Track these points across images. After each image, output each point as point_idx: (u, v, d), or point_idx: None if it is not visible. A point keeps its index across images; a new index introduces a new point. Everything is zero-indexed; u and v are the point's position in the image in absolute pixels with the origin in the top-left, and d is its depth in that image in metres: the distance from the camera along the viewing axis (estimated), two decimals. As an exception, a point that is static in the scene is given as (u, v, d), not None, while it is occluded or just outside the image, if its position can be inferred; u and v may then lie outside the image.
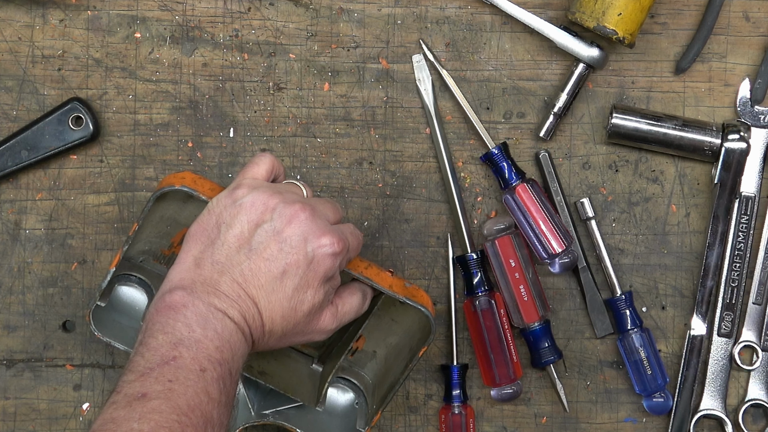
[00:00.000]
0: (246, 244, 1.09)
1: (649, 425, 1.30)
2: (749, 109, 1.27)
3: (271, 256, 1.08)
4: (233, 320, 1.06)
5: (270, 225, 1.09)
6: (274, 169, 1.15)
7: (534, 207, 1.24)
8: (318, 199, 1.15)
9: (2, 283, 1.28)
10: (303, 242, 1.09)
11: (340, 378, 1.27)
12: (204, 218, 1.11)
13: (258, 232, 1.09)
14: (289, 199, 1.10)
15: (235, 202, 1.10)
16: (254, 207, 1.09)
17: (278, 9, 1.28)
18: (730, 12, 1.28)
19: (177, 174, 1.18)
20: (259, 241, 1.09)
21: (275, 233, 1.09)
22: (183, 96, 1.28)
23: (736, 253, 1.27)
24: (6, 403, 1.29)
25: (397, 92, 1.28)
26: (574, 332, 1.29)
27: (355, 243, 1.14)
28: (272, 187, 1.12)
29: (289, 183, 1.15)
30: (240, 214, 1.09)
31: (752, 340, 1.28)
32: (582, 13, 1.22)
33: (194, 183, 1.16)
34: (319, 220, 1.10)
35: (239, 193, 1.11)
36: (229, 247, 1.09)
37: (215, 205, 1.11)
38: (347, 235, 1.12)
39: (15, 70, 1.27)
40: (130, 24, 1.27)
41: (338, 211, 1.15)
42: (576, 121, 1.29)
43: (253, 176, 1.14)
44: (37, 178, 1.28)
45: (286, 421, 1.25)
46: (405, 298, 1.18)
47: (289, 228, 1.09)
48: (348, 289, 1.17)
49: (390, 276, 1.20)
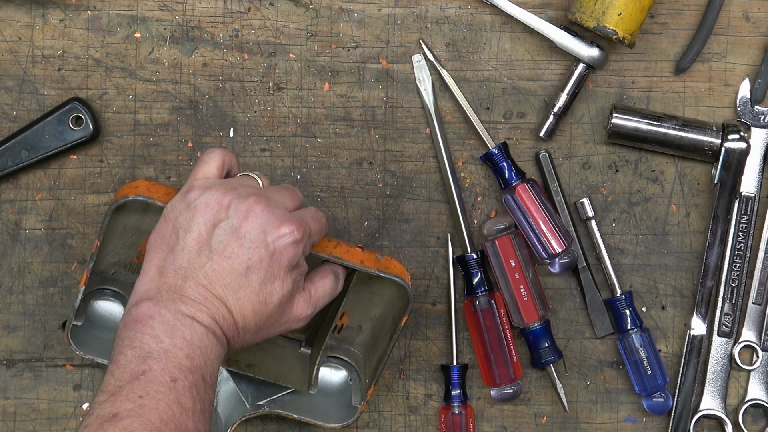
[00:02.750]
0: (206, 245, 1.08)
1: (649, 425, 1.30)
2: (749, 109, 1.27)
3: (233, 254, 1.08)
4: (203, 324, 1.06)
5: (227, 223, 1.08)
6: (225, 163, 1.15)
7: (534, 207, 1.24)
8: (274, 187, 1.15)
9: (2, 283, 1.28)
10: (262, 235, 1.08)
11: (331, 357, 1.28)
12: (161, 226, 1.11)
13: (216, 232, 1.08)
14: (244, 194, 1.10)
15: (189, 205, 1.10)
16: (209, 207, 1.09)
17: (278, 9, 1.28)
18: (730, 12, 1.28)
19: (131, 184, 1.18)
20: (219, 241, 1.08)
21: (233, 230, 1.08)
22: (183, 96, 1.28)
23: (736, 253, 1.27)
24: (6, 403, 1.29)
25: (397, 92, 1.28)
26: (574, 332, 1.29)
27: (317, 226, 1.14)
28: (225, 183, 1.12)
29: (243, 176, 1.15)
30: (196, 217, 1.09)
31: (752, 340, 1.28)
32: (582, 13, 1.22)
33: (148, 191, 1.16)
34: (275, 209, 1.10)
35: (192, 195, 1.10)
36: (190, 251, 1.08)
37: (170, 211, 1.11)
38: (308, 220, 1.12)
39: (15, 70, 1.27)
40: (130, 24, 1.27)
41: (296, 196, 1.15)
42: (576, 121, 1.29)
43: (204, 175, 1.13)
44: (37, 178, 1.28)
45: (282, 408, 1.25)
46: (378, 271, 1.19)
47: (247, 223, 1.08)
48: (319, 273, 1.17)
49: (360, 251, 1.20)
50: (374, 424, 1.29)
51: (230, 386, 1.25)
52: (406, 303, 1.21)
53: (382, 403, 1.29)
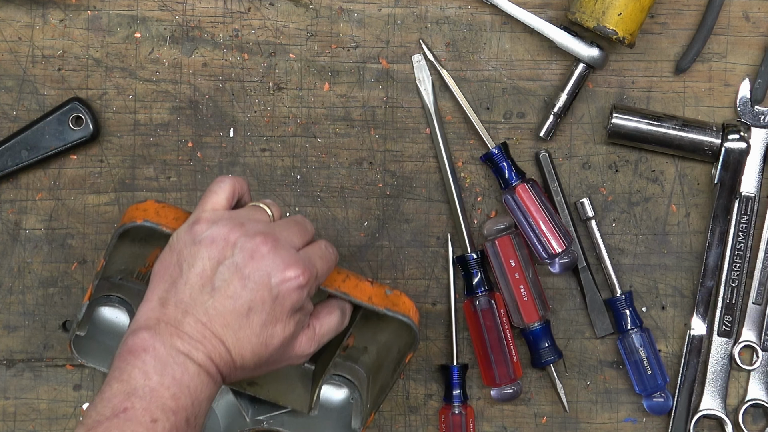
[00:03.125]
0: (209, 282, 1.06)
1: (649, 425, 1.30)
2: (749, 109, 1.27)
3: (235, 294, 1.05)
4: (196, 362, 1.04)
5: (231, 261, 1.06)
6: (235, 192, 1.12)
7: (534, 207, 1.24)
8: (283, 222, 1.11)
9: (2, 283, 1.28)
10: (266, 278, 1.06)
11: (335, 375, 1.27)
12: (166, 256, 1.09)
13: (220, 270, 1.06)
14: (251, 231, 1.07)
15: (194, 238, 1.07)
16: (215, 243, 1.06)
17: (278, 9, 1.28)
18: (730, 12, 1.28)
19: (140, 205, 1.15)
20: (222, 279, 1.06)
21: (237, 269, 1.06)
22: (183, 96, 1.28)
23: (736, 253, 1.27)
24: (6, 403, 1.29)
25: (397, 92, 1.28)
26: (574, 332, 1.29)
27: (325, 266, 1.11)
28: (233, 218, 1.09)
29: (253, 207, 1.12)
30: (200, 252, 1.06)
31: (752, 340, 1.28)
32: (582, 13, 1.22)
33: (157, 215, 1.14)
34: (282, 251, 1.07)
35: (198, 228, 1.08)
36: (192, 287, 1.06)
37: (176, 241, 1.08)
38: (315, 260, 1.09)
39: (15, 70, 1.27)
40: (130, 24, 1.27)
41: (306, 231, 1.12)
42: (576, 121, 1.29)
43: (213, 207, 1.10)
44: (37, 178, 1.28)
45: (282, 425, 1.25)
46: (385, 309, 1.16)
47: (251, 264, 1.06)
48: (326, 308, 1.14)
49: (370, 285, 1.17)
50: (374, 423, 1.29)
51: (231, 398, 1.25)
52: (412, 338, 1.20)
53: (382, 403, 1.29)
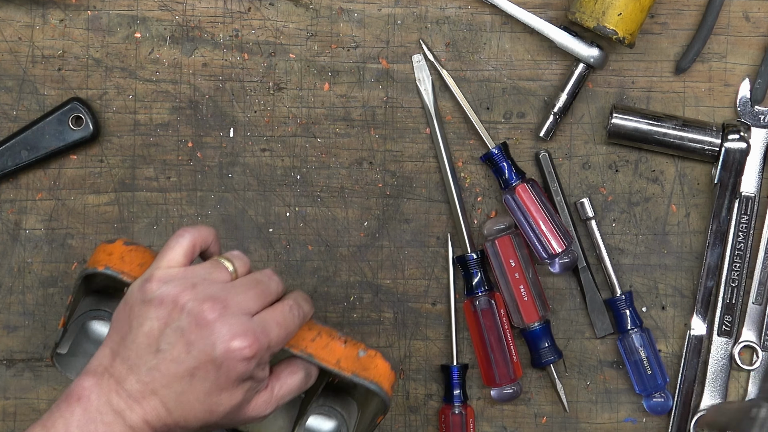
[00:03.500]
0: (155, 342, 1.04)
1: (649, 425, 1.30)
2: (749, 109, 1.27)
3: (179, 358, 1.03)
4: (129, 424, 1.03)
5: (177, 325, 1.03)
6: (196, 247, 1.09)
7: (534, 207, 1.24)
8: (242, 283, 1.07)
9: (2, 283, 1.28)
10: (210, 347, 1.03)
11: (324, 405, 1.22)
12: (121, 307, 1.07)
13: (166, 332, 1.04)
14: (201, 295, 1.04)
15: (144, 297, 1.05)
16: (163, 305, 1.04)
17: (278, 9, 1.28)
18: (730, 12, 1.28)
19: (107, 246, 1.13)
20: (168, 342, 1.03)
21: (183, 334, 1.03)
22: (183, 96, 1.28)
23: (736, 253, 1.27)
24: (6, 403, 1.29)
25: (397, 92, 1.28)
26: (574, 332, 1.29)
27: (282, 333, 1.06)
28: (186, 278, 1.06)
29: (213, 264, 1.08)
30: (149, 312, 1.04)
31: (752, 340, 1.28)
32: (582, 13, 1.22)
33: (121, 260, 1.11)
34: (230, 318, 1.03)
35: (149, 287, 1.05)
36: (138, 346, 1.04)
37: (129, 296, 1.07)
38: (270, 328, 1.06)
39: (15, 70, 1.27)
40: (130, 24, 1.27)
41: (267, 292, 1.08)
42: (576, 121, 1.29)
43: (168, 263, 1.07)
44: (37, 178, 1.28)
45: None
46: (352, 375, 1.10)
47: (197, 331, 1.03)
48: (288, 368, 1.11)
49: (341, 346, 1.11)
50: (374, 424, 1.30)
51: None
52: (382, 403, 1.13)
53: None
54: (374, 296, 1.29)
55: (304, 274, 1.29)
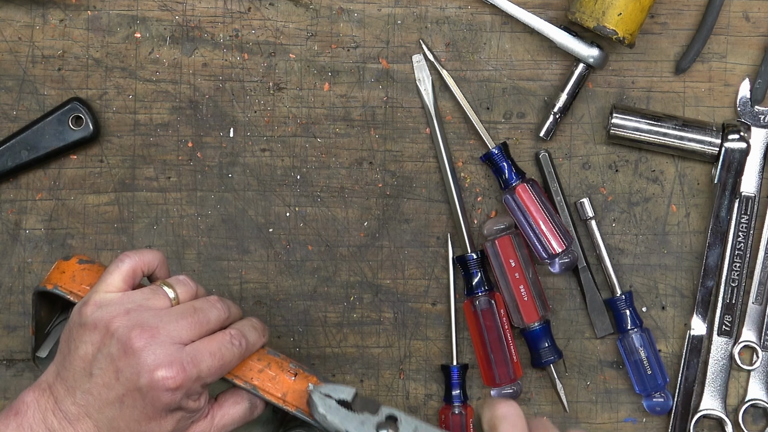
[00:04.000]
0: (88, 366, 1.04)
1: (649, 425, 1.30)
2: (749, 109, 1.27)
3: (109, 384, 1.03)
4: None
5: (108, 351, 1.03)
6: (137, 271, 1.08)
7: (534, 207, 1.24)
8: (177, 311, 1.06)
9: (2, 283, 1.28)
10: (135, 376, 1.02)
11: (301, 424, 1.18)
12: (65, 329, 1.08)
13: (98, 357, 1.04)
14: (131, 322, 1.04)
15: (81, 320, 1.05)
16: (96, 330, 1.04)
17: (278, 9, 1.28)
18: (730, 12, 1.28)
19: (62, 263, 1.13)
20: (99, 367, 1.04)
21: (112, 361, 1.03)
22: (183, 96, 1.28)
23: (736, 253, 1.27)
24: (6, 404, 1.29)
25: (397, 92, 1.28)
26: (574, 332, 1.29)
27: (215, 364, 1.05)
28: (121, 303, 1.05)
29: (152, 290, 1.07)
30: (84, 335, 1.04)
31: (752, 340, 1.28)
32: (582, 13, 1.22)
33: (72, 280, 1.11)
34: (157, 348, 1.03)
35: (85, 310, 1.06)
36: (75, 369, 1.05)
37: (71, 317, 1.07)
38: (202, 358, 1.04)
39: (15, 70, 1.27)
40: (130, 24, 1.27)
41: (203, 321, 1.06)
42: (576, 121, 1.29)
43: (107, 288, 1.07)
44: (37, 178, 1.28)
45: None
46: (297, 411, 1.07)
47: (124, 359, 1.03)
48: (233, 398, 1.09)
49: (291, 379, 1.09)
50: (374, 424, 1.29)
51: None
52: None
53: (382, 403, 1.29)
54: (374, 296, 1.29)
55: (304, 274, 1.29)
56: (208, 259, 1.28)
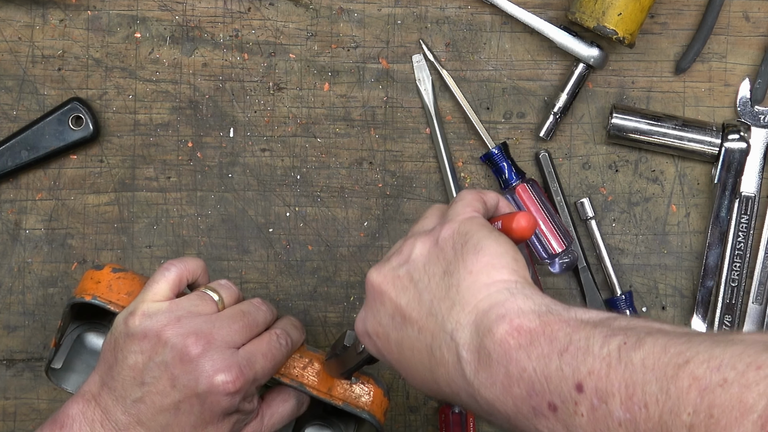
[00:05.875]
0: (139, 375, 1.04)
1: (649, 425, 1.30)
2: (749, 109, 1.27)
3: (164, 392, 1.03)
4: None
5: (161, 359, 1.03)
6: (182, 280, 1.09)
7: (534, 207, 1.24)
8: (227, 315, 1.07)
9: (2, 283, 1.28)
10: (194, 382, 1.03)
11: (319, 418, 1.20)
12: (108, 339, 1.07)
13: (150, 366, 1.04)
14: (184, 330, 1.04)
15: (128, 331, 1.05)
16: (146, 339, 1.04)
17: (278, 9, 1.28)
18: (730, 12, 1.28)
19: (95, 273, 1.13)
20: (152, 375, 1.04)
21: (167, 368, 1.03)
22: (183, 96, 1.28)
23: (736, 253, 1.27)
24: (6, 403, 1.29)
25: (397, 92, 1.28)
26: (574, 332, 1.29)
27: (268, 365, 1.06)
28: (171, 311, 1.06)
29: (199, 296, 1.08)
30: (133, 345, 1.04)
31: (752, 340, 1.28)
32: (582, 13, 1.22)
33: (109, 289, 1.11)
34: (214, 353, 1.04)
35: (132, 321, 1.05)
36: (124, 378, 1.05)
37: (115, 328, 1.07)
38: (256, 360, 1.06)
39: (15, 70, 1.27)
40: (130, 24, 1.27)
41: (254, 324, 1.08)
42: (576, 121, 1.29)
43: (153, 297, 1.07)
44: (37, 178, 1.28)
45: None
46: (344, 405, 1.10)
47: (180, 366, 1.03)
48: (281, 396, 1.11)
49: None
50: (374, 424, 1.29)
51: None
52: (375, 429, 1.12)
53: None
54: (374, 296, 1.29)
55: (304, 274, 1.29)
56: (208, 259, 1.28)
